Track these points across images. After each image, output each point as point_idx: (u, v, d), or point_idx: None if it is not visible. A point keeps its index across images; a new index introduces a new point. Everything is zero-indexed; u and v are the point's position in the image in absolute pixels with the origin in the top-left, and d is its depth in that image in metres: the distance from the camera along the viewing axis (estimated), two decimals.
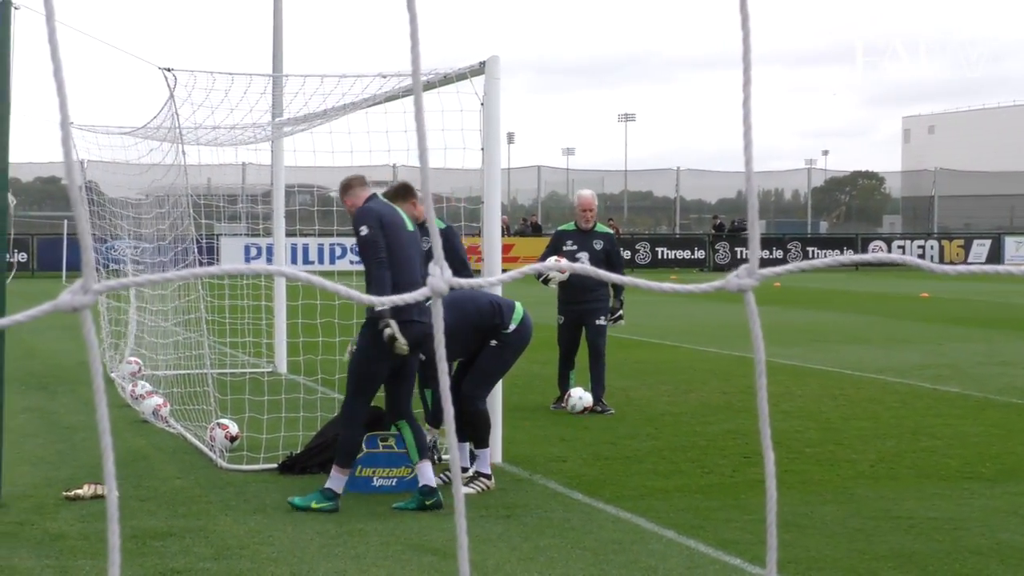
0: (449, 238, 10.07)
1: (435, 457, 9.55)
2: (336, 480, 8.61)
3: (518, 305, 9.51)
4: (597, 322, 12.90)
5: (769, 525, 1.77)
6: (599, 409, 12.80)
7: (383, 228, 8.55)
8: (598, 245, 13.08)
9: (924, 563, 7.38)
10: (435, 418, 9.98)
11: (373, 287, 8.38)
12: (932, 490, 9.33)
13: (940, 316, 26.17)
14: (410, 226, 8.84)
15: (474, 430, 9.35)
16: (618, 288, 12.96)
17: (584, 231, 13.12)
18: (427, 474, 8.64)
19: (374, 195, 8.94)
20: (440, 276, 1.60)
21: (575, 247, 13.03)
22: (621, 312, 13.12)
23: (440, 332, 1.66)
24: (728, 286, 1.69)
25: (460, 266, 9.91)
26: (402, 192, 9.48)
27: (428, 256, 9.78)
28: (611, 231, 13.58)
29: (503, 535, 7.97)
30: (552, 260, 12.27)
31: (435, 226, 1.52)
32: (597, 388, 12.92)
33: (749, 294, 1.68)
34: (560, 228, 13.50)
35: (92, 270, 1.47)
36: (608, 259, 12.99)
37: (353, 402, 8.69)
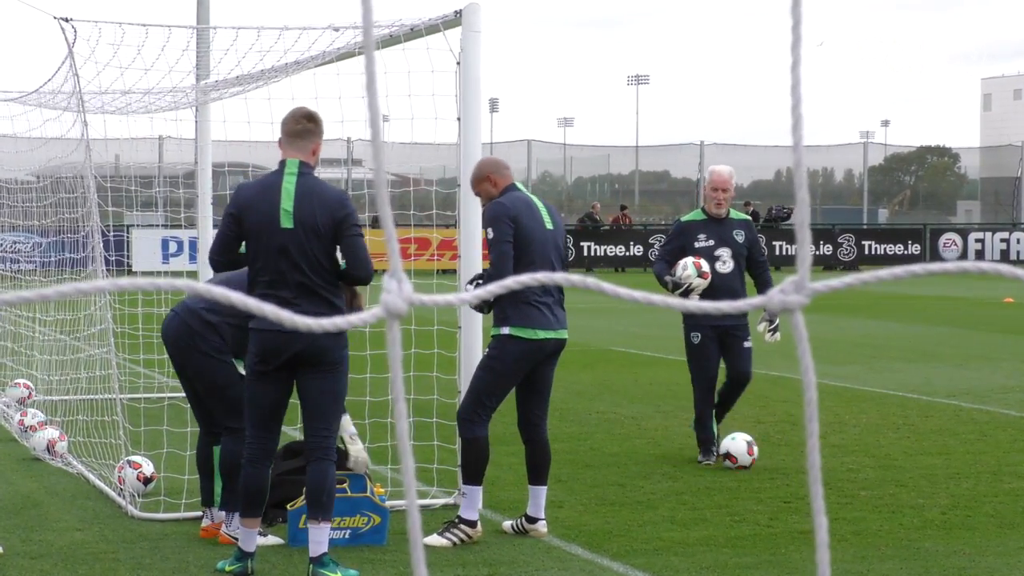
0: None
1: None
2: (245, 537, 8.54)
3: (565, 332, 9.42)
4: (746, 343, 12.32)
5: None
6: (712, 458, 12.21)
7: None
8: (739, 236, 12.47)
9: None
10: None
11: None
12: (1018, 544, 9.36)
13: None
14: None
15: (464, 461, 9.34)
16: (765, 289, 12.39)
17: (718, 219, 12.48)
18: (248, 537, 8.57)
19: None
20: (398, 292, 1.47)
21: (711, 242, 12.37)
22: (778, 322, 12.59)
23: (397, 362, 1.57)
24: (771, 304, 1.67)
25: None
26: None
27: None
28: (749, 217, 13.05)
29: None
30: (689, 261, 11.98)
31: (390, 227, 1.48)
32: (720, 419, 12.46)
33: (797, 314, 1.65)
34: (684, 219, 12.81)
35: None
36: (751, 254, 12.51)
37: (245, 432, 8.73)
